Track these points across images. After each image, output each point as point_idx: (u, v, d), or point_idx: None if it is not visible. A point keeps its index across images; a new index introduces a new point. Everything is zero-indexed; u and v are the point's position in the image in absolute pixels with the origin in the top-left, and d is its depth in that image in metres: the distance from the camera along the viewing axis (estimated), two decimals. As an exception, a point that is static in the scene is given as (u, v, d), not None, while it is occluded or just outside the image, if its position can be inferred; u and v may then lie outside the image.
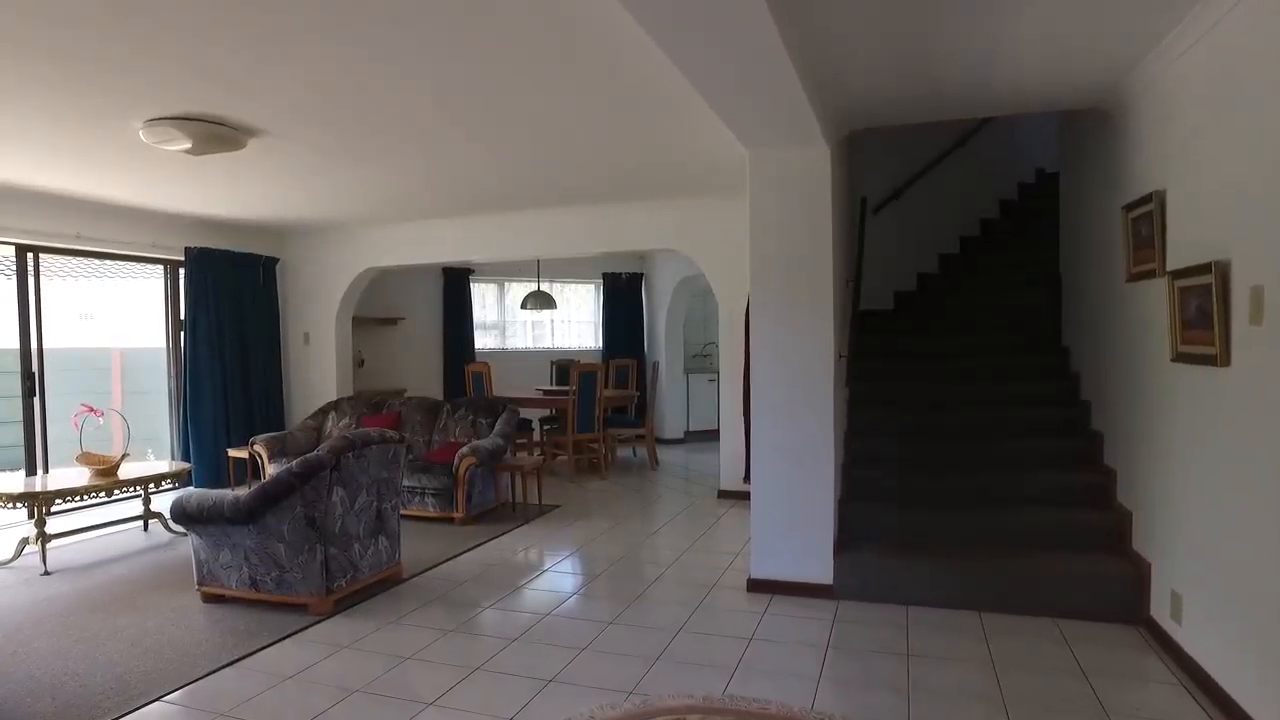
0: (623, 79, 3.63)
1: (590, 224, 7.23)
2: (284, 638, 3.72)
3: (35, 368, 6.35)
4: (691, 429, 10.74)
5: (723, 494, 6.88)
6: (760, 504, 4.34)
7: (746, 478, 4.48)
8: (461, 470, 5.84)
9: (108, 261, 11.78)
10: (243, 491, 3.96)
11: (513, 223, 7.47)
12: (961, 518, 4.36)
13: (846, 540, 4.40)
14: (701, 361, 11.38)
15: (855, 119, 4.32)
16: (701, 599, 4.26)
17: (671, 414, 10.46)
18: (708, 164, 5.44)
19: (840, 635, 3.73)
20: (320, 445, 3.98)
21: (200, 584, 4.22)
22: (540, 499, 6.53)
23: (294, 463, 3.91)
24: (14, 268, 6.27)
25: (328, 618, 3.99)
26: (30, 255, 6.31)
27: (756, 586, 4.34)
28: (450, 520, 5.97)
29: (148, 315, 7.77)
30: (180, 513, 4.03)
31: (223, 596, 4.19)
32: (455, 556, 5.12)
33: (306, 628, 3.86)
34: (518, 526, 5.93)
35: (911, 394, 5.26)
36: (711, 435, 10.60)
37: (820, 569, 4.21)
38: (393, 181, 5.92)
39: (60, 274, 11.75)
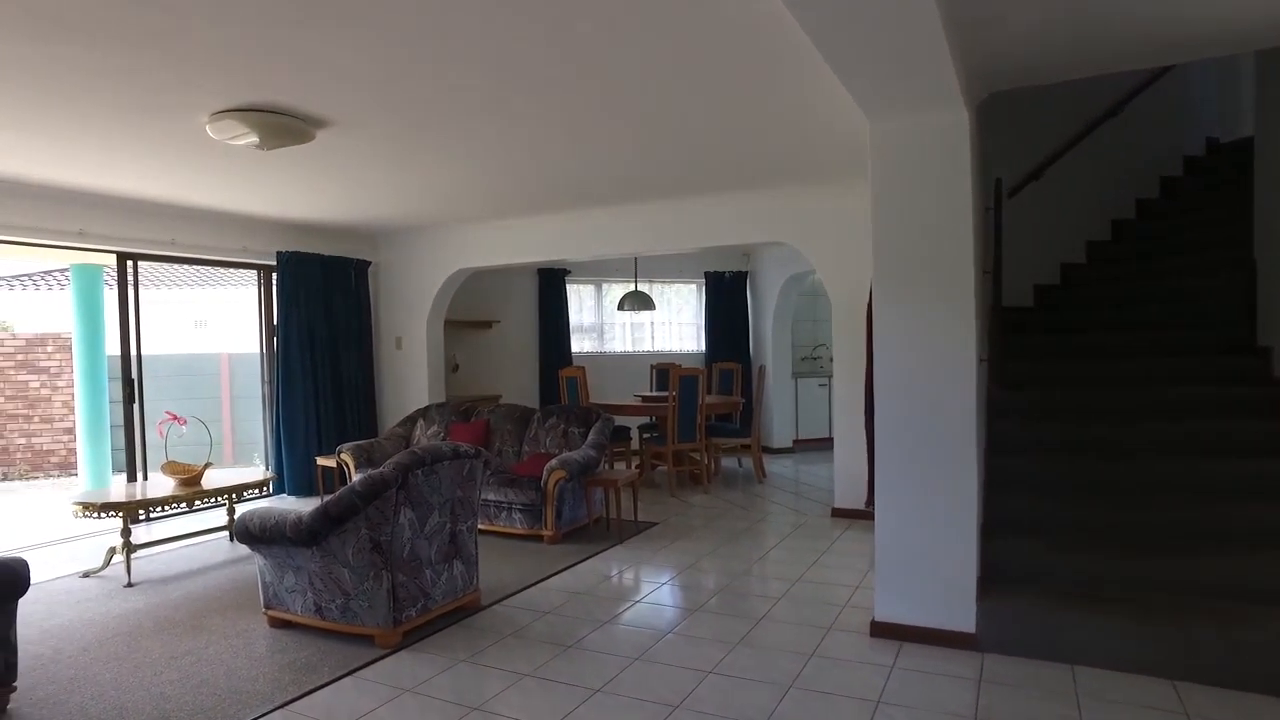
0: (729, 46, 3.09)
1: (692, 218, 6.69)
2: (343, 676, 3.34)
3: (135, 374, 6.31)
4: (800, 437, 10.04)
5: (837, 512, 6.20)
6: (886, 534, 3.68)
7: (870, 501, 3.81)
8: (550, 485, 5.41)
9: (217, 269, 12.12)
10: (308, 509, 3.63)
11: (609, 219, 7.02)
12: (1148, 560, 3.56)
13: (992, 581, 3.68)
14: (811, 365, 10.66)
15: (998, 76, 3.61)
16: (817, 644, 3.64)
17: (779, 421, 9.79)
18: (821, 143, 4.81)
19: (991, 701, 3.04)
20: (387, 460, 3.58)
21: (267, 607, 3.92)
22: (636, 515, 6.02)
23: (356, 480, 3.54)
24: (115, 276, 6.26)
25: (395, 651, 3.60)
26: (129, 263, 6.29)
27: (881, 631, 3.69)
28: (539, 538, 5.54)
29: (251, 320, 7.75)
30: (243, 532, 3.73)
31: (289, 622, 3.87)
32: (540, 581, 4.67)
33: (370, 664, 3.47)
34: (610, 547, 5.45)
35: (1067, 404, 4.47)
36: (822, 444, 9.88)
37: (960, 614, 3.51)
38: (480, 177, 5.56)
39: (173, 283, 12.15)
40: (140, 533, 6.05)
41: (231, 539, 5.62)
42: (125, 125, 4.12)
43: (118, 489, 5.55)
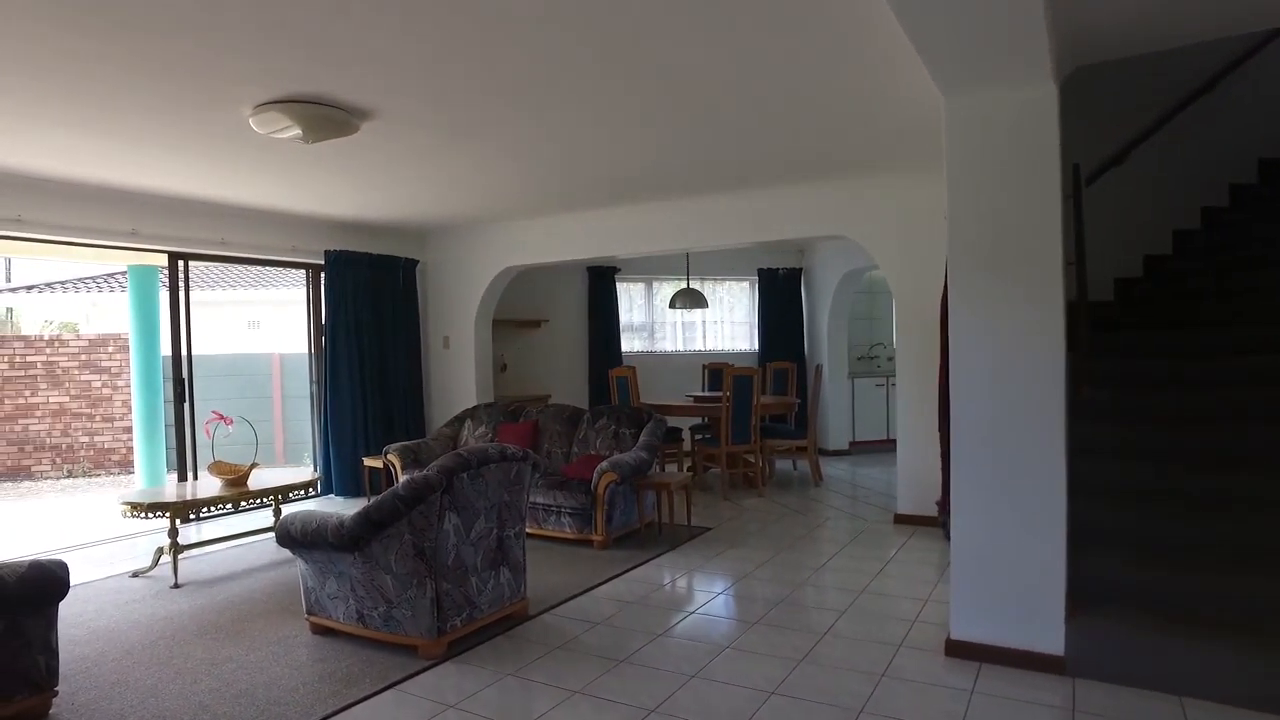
0: (791, 23, 2.85)
1: (746, 212, 6.45)
2: (385, 689, 3.19)
3: (185, 373, 6.30)
4: (857, 439, 9.69)
5: (900, 519, 5.89)
6: (964, 545, 3.40)
7: (945, 509, 3.52)
8: (601, 488, 5.22)
9: (269, 270, 12.23)
10: (351, 513, 3.49)
11: (661, 214, 6.81)
12: (1255, 580, 3.22)
13: (1082, 599, 3.37)
14: (868, 364, 10.30)
15: (1091, 45, 3.30)
16: (888, 663, 3.38)
17: (835, 422, 9.46)
18: (887, 128, 4.53)
19: (1087, 734, 2.75)
20: (434, 462, 3.42)
21: (309, 613, 3.80)
22: (690, 519, 5.80)
23: (400, 483, 3.39)
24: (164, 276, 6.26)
25: (439, 663, 3.44)
26: (181, 263, 6.29)
27: (958, 650, 3.40)
28: (589, 543, 5.36)
29: (301, 320, 7.73)
30: (285, 535, 3.61)
31: (331, 629, 3.74)
32: (590, 589, 4.48)
33: (413, 676, 3.31)
34: (663, 553, 5.23)
35: (1158, 406, 4.12)
36: (880, 447, 9.53)
37: (1046, 634, 3.21)
38: (528, 171, 5.40)
39: (228, 284, 12.31)
40: (190, 532, 6.04)
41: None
42: (169, 120, 4.06)
43: (168, 489, 5.54)
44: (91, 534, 6.07)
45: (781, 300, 9.78)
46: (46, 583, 2.99)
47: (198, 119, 4.07)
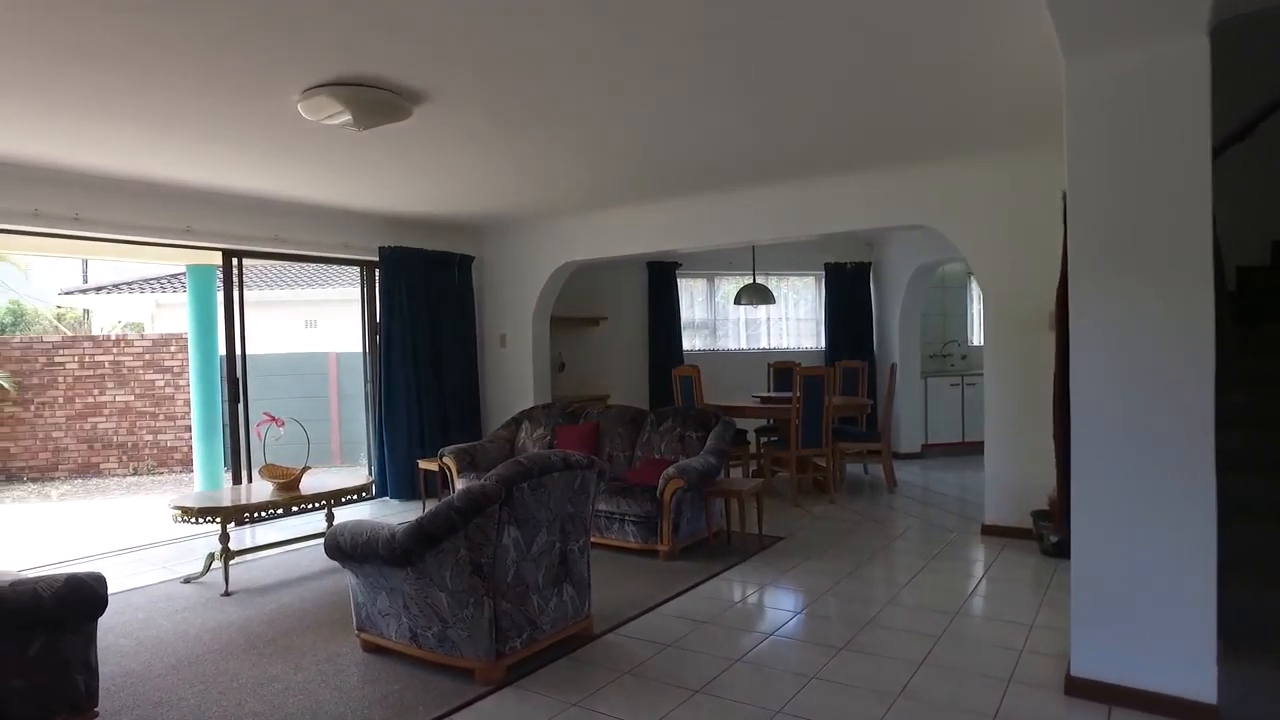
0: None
1: (817, 201, 6.05)
2: (439, 718, 2.92)
3: (240, 373, 6.17)
4: (929, 441, 9.17)
5: (988, 530, 5.43)
6: (1087, 569, 2.98)
7: (1066, 521, 3.11)
8: (667, 495, 4.89)
9: (326, 268, 12.20)
10: (403, 524, 3.23)
11: (725, 205, 6.45)
12: None
13: (1236, 637, 2.92)
14: (940, 363, 9.78)
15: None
16: (999, 701, 2.98)
17: (906, 424, 8.97)
18: (981, 102, 4.11)
19: (1255, 801, 2.32)
20: (490, 471, 3.14)
21: (359, 629, 3.56)
22: (761, 528, 5.43)
23: (455, 494, 3.11)
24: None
25: (497, 689, 3.16)
26: (235, 260, 6.17)
27: (1080, 689, 2.98)
28: (654, 553, 5.04)
29: (356, 319, 7.59)
30: (334, 547, 3.38)
31: (383, 648, 3.49)
32: (657, 606, 4.16)
33: (469, 703, 3.04)
34: (734, 565, 4.89)
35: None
36: (955, 450, 9.02)
37: (1194, 678, 2.77)
38: (587, 160, 5.11)
39: (285, 283, 12.33)
40: (245, 534, 5.91)
41: (333, 545, 5.37)
42: (218, 108, 3.87)
43: (220, 492, 5.40)
44: (150, 534, 5.99)
45: (849, 296, 9.32)
46: (83, 599, 2.79)
47: (246, 107, 3.87)
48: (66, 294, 12.85)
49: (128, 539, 5.91)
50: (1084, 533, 2.98)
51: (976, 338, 10.01)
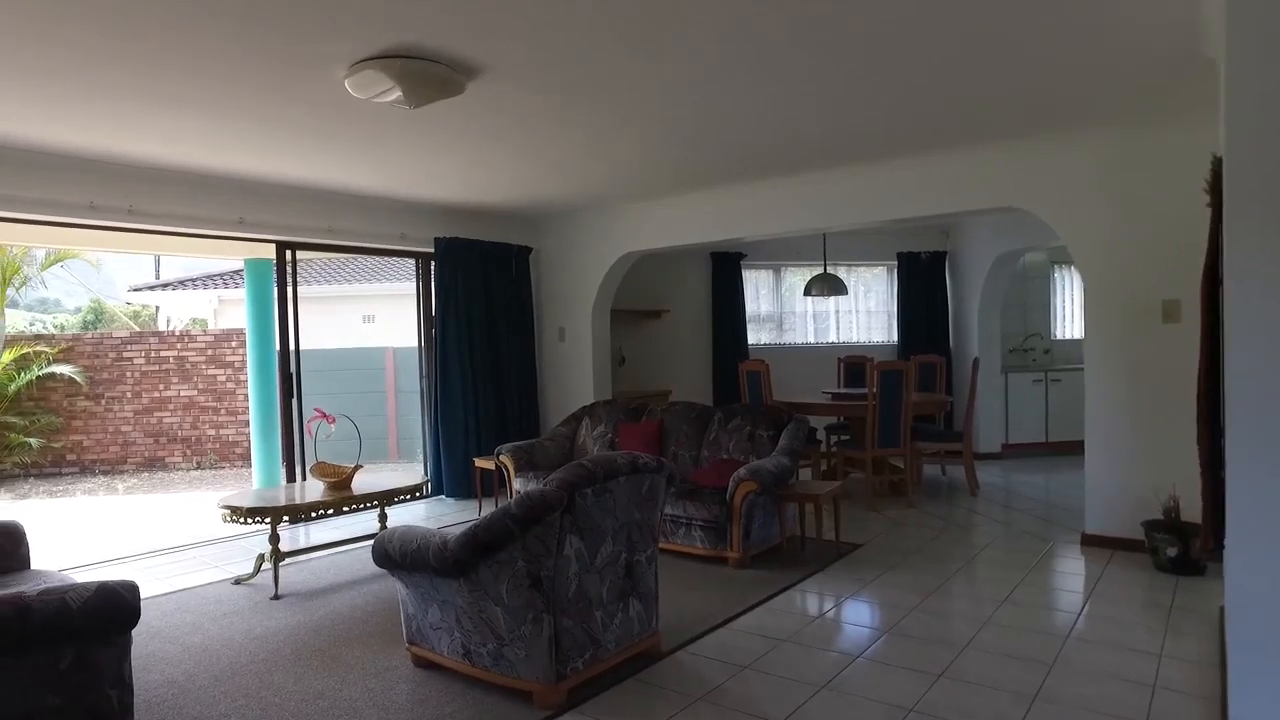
0: None
1: (894, 183, 5.62)
2: (495, 750, 2.64)
3: (293, 368, 6.02)
4: (1010, 441, 8.61)
5: (1089, 540, 4.95)
6: (1250, 600, 2.53)
7: (1218, 541, 2.66)
8: (738, 499, 4.55)
9: (383, 262, 12.13)
10: (455, 530, 2.96)
11: (793, 189, 6.07)
12: None
13: None
14: (1021, 357, 9.18)
15: None
16: (1135, 748, 2.57)
17: (985, 423, 8.43)
18: (1099, 64, 3.65)
19: None
20: (551, 475, 2.84)
21: (410, 642, 3.31)
22: (838, 535, 5.04)
23: (512, 501, 2.82)
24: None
25: (557, 715, 2.86)
26: (288, 252, 6.03)
27: (1236, 736, 2.54)
28: (723, 560, 4.70)
29: (413, 313, 7.42)
30: (382, 555, 3.13)
31: (434, 664, 3.23)
32: (730, 620, 3.82)
33: (528, 732, 2.75)
34: (810, 575, 4.52)
35: None
36: (1037, 451, 8.46)
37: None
38: (651, 141, 4.79)
39: (344, 278, 12.31)
40: (299, 533, 5.77)
41: (387, 547, 5.17)
42: (261, 86, 3.65)
43: (273, 490, 5.25)
44: (206, 530, 5.90)
45: (924, 287, 8.82)
46: (114, 610, 2.58)
47: (293, 86, 3.65)
48: (135, 290, 13.08)
49: (184, 535, 5.84)
50: (1244, 554, 2.53)
51: (1061, 330, 9.40)
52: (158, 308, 14.22)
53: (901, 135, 4.86)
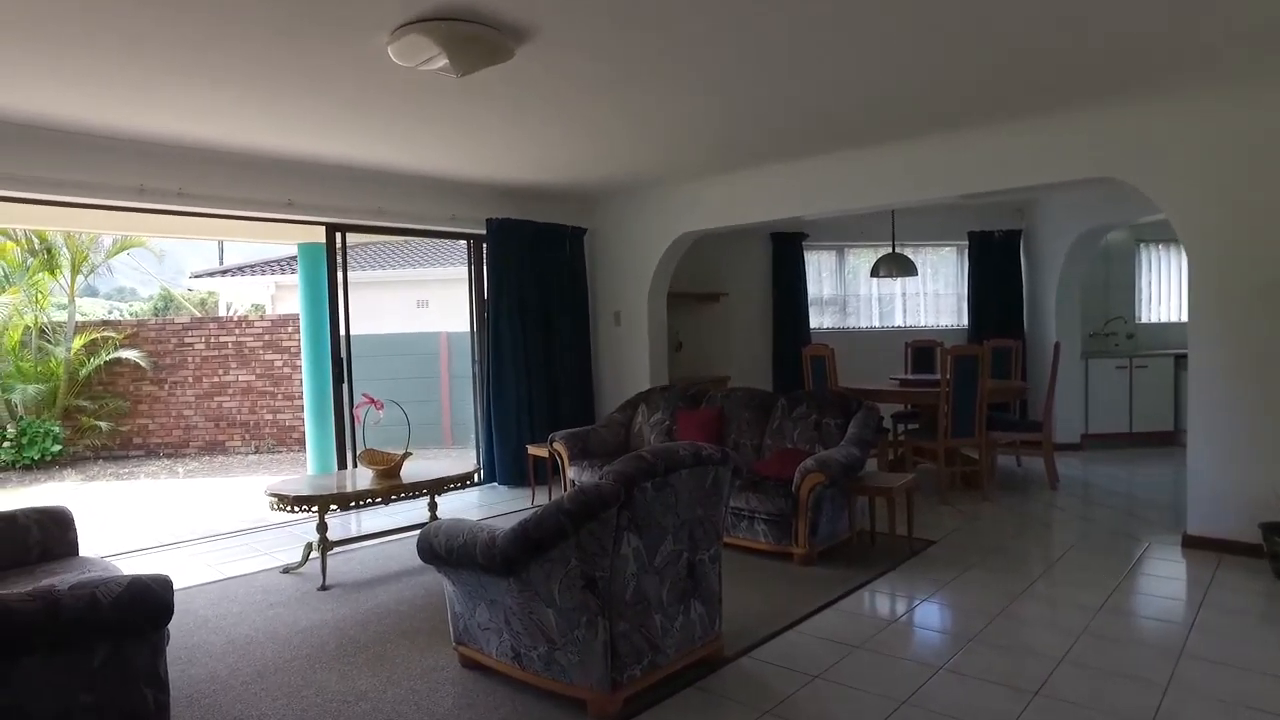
0: None
1: (970, 155, 5.22)
2: (546, 766, 2.43)
3: (344, 352, 5.91)
4: (1091, 431, 8.10)
5: (1191, 541, 4.53)
6: None
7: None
8: (805, 491, 4.26)
9: (437, 245, 12.05)
10: (507, 522, 2.75)
11: (861, 163, 5.71)
12: None
13: None
14: (1103, 342, 8.63)
15: None
16: (1275, 788, 2.23)
17: (1063, 412, 7.94)
18: (1205, 10, 3.24)
19: None
20: (607, 467, 2.61)
21: (457, 641, 3.12)
22: (911, 531, 4.72)
23: (566, 495, 2.60)
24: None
25: (613, 727, 2.65)
26: (338, 235, 5.91)
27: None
28: (788, 556, 4.42)
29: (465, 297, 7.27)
30: (427, 550, 2.94)
31: (483, 665, 3.04)
32: (798, 623, 3.55)
33: (581, 745, 2.54)
34: (881, 574, 4.22)
35: None
36: (1120, 442, 7.94)
37: None
38: (711, 112, 4.50)
39: (398, 263, 12.28)
40: (350, 520, 5.67)
41: (437, 536, 5.02)
42: (304, 53, 3.47)
43: (324, 478, 5.15)
44: (258, 516, 5.83)
45: (996, 268, 8.35)
46: (146, 605, 2.44)
47: (335, 53, 3.46)
48: (196, 276, 13.28)
49: (237, 520, 5.79)
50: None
51: (1147, 314, 8.81)
52: (218, 295, 14.45)
53: (984, 100, 4.48)
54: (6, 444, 9.28)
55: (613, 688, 2.66)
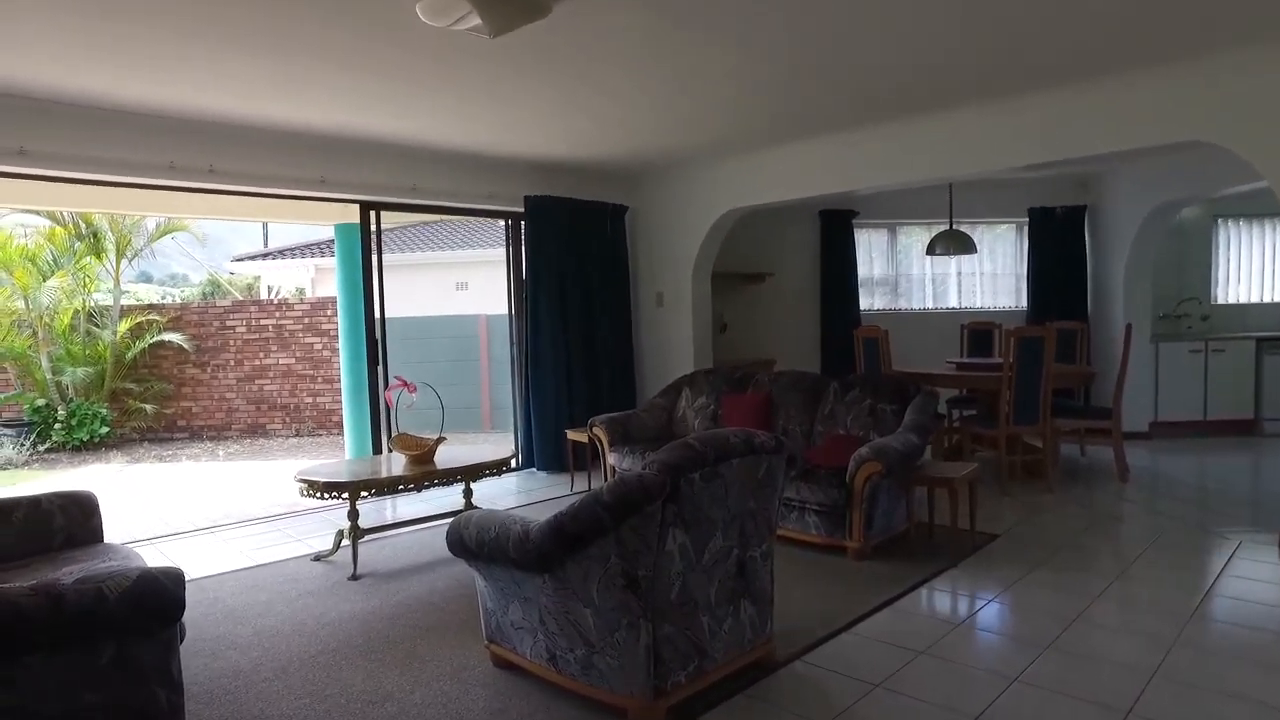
0: None
1: (1038, 120, 4.83)
2: (582, 784, 2.22)
3: (379, 334, 5.76)
4: (1160, 419, 7.64)
5: (1288, 539, 4.16)
6: None
7: None
8: (860, 481, 3.98)
9: (476, 226, 11.88)
10: (543, 509, 2.53)
11: (917, 133, 5.35)
12: None
13: None
14: (1174, 325, 8.14)
15: None
16: None
17: (1131, 398, 7.49)
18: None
19: None
20: (651, 456, 2.37)
21: (489, 639, 2.93)
22: (973, 524, 4.40)
23: (605, 486, 2.37)
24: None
25: (657, 739, 2.42)
26: (372, 214, 5.74)
27: None
28: (840, 550, 4.15)
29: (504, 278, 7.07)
30: (457, 543, 2.74)
31: (516, 666, 2.84)
32: (853, 624, 3.29)
33: (622, 760, 2.32)
34: (942, 571, 3.92)
35: None
36: (1192, 430, 7.48)
37: None
38: (759, 80, 4.22)
39: (436, 245, 12.15)
40: (385, 505, 5.53)
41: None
42: (328, 21, 3.27)
43: (360, 462, 5.01)
44: (295, 500, 5.70)
45: (1058, 245, 7.90)
46: (155, 601, 2.27)
47: (362, 15, 3.25)
48: (238, 260, 13.31)
49: (273, 505, 5.69)
50: None
51: (1224, 294, 8.28)
52: (259, 278, 14.49)
53: (1054, 59, 4.11)
54: (57, 425, 9.38)
55: (655, 695, 2.43)
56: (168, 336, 10.03)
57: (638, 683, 2.43)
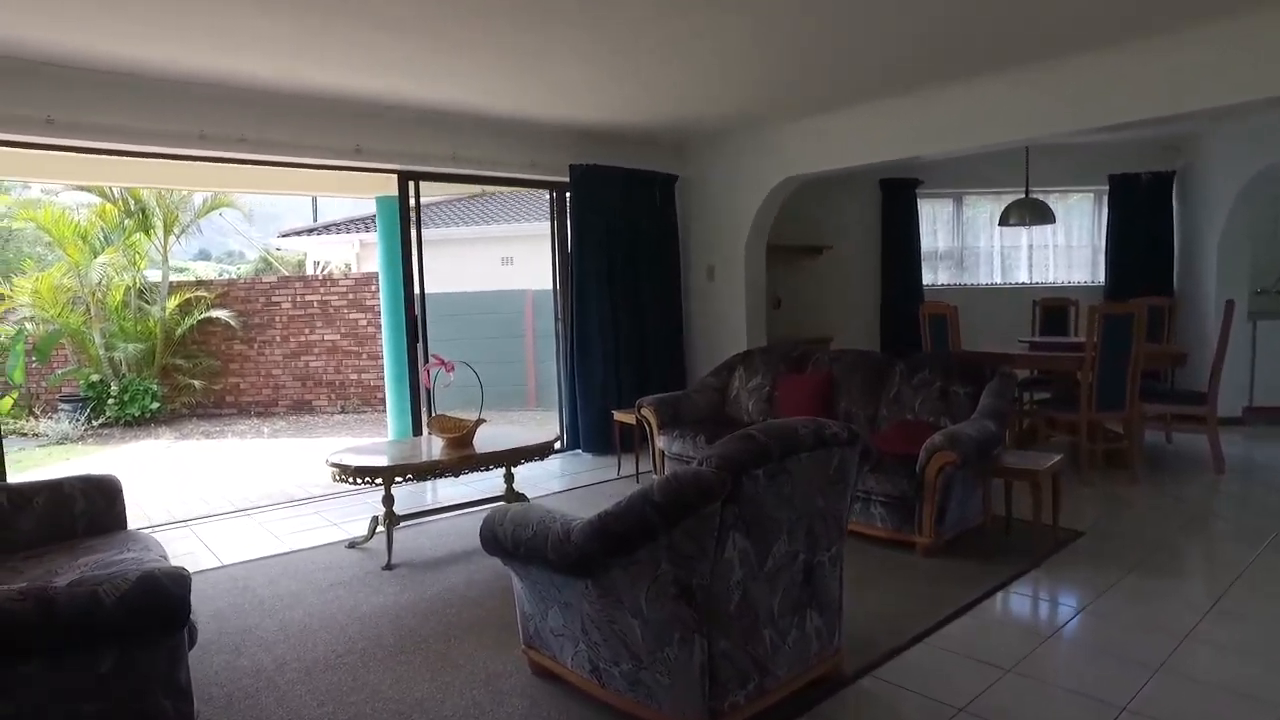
0: None
1: (1125, 75, 4.32)
2: (629, 824, 1.94)
3: (418, 309, 5.54)
4: (1256, 404, 7.06)
5: None
6: None
7: None
8: (933, 472, 3.62)
9: (520, 198, 11.62)
10: (579, 519, 2.26)
11: (987, 93, 4.88)
12: None
13: None
14: (1274, 301, 7.50)
15: None
16: None
17: (1225, 380, 6.91)
18: None
19: None
20: (709, 450, 2.06)
21: (526, 644, 2.67)
22: (1057, 519, 4.00)
23: (655, 485, 2.07)
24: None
25: (713, 769, 2.13)
26: (410, 184, 5.50)
27: None
28: (909, 546, 3.80)
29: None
30: (491, 540, 2.48)
31: (555, 674, 2.58)
32: (928, 633, 2.95)
33: (673, 796, 2.04)
34: (1023, 572, 3.55)
35: None
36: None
37: None
38: (818, 36, 3.81)
39: (482, 219, 11.93)
40: (425, 489, 5.31)
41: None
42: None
43: (400, 443, 4.81)
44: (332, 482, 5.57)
45: (1142, 215, 7.34)
46: (155, 605, 2.05)
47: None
48: (284, 236, 13.28)
49: (312, 485, 5.52)
50: None
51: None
52: (306, 254, 14.48)
53: (1140, 12, 3.64)
54: (111, 401, 9.45)
55: (711, 717, 2.14)
56: (215, 313, 10.01)
57: (691, 704, 2.14)
